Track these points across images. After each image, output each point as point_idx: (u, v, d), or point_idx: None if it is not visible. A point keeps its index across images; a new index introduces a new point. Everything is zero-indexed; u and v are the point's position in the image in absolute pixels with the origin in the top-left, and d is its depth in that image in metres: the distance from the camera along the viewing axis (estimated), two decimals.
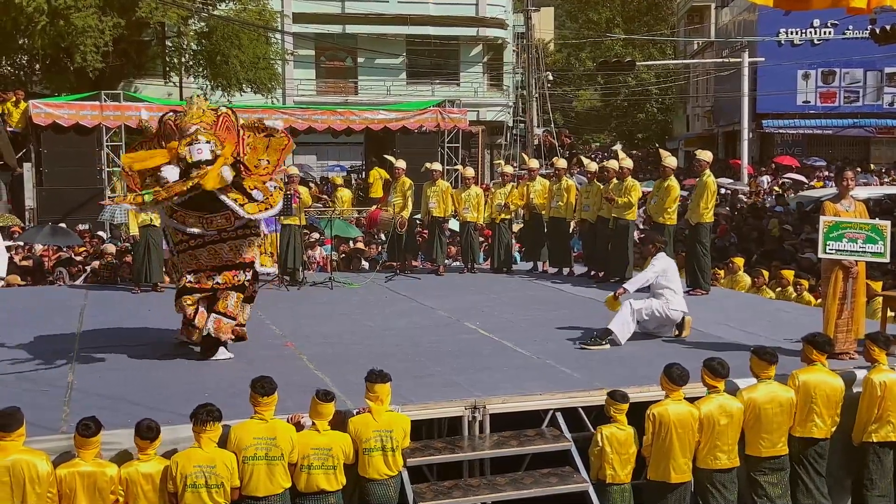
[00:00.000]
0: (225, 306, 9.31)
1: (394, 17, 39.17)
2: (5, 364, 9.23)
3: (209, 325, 9.28)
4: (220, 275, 9.23)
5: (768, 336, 9.97)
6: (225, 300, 9.31)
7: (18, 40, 27.74)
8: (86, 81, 27.40)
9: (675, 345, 9.88)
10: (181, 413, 6.95)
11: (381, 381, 7.13)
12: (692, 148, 39.59)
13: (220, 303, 9.30)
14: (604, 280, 14.18)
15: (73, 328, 11.01)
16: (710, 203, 12.90)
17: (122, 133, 22.86)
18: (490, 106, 41.42)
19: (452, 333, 10.71)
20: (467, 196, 15.59)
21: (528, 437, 7.70)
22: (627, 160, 14.28)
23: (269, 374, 6.95)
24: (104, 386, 8.28)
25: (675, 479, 7.29)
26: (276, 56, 33.58)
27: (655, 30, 58.62)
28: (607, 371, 8.68)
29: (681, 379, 7.36)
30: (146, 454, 6.53)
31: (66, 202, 21.98)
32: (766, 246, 18.13)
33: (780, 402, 7.58)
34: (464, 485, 7.39)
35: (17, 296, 14.10)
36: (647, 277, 10.10)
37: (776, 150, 40.79)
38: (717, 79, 44.44)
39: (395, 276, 15.21)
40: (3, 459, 6.22)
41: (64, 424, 7.03)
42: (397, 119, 24.97)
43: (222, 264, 9.21)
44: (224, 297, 9.30)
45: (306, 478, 6.81)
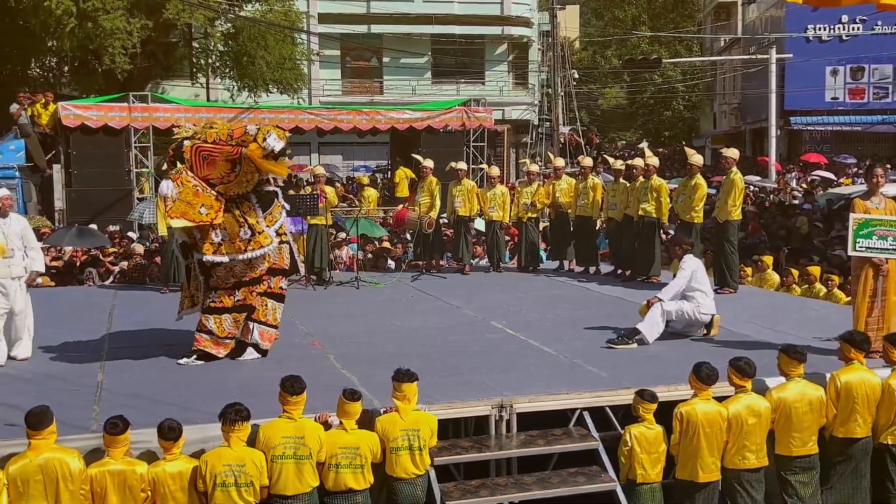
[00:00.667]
0: (265, 315, 9.46)
1: (419, 17, 39.22)
2: (36, 362, 9.33)
3: (255, 336, 9.42)
4: (258, 285, 9.39)
5: (797, 334, 9.89)
6: (265, 309, 9.44)
7: (47, 42, 28.03)
8: (114, 83, 27.64)
9: (704, 343, 9.83)
10: (210, 412, 6.99)
11: (408, 381, 7.14)
12: (719, 145, 39.33)
13: (259, 312, 9.42)
14: (630, 279, 14.13)
15: (102, 328, 11.11)
16: (738, 201, 12.82)
17: (150, 134, 23.04)
18: (515, 105, 41.38)
19: (479, 333, 10.70)
20: (493, 195, 15.58)
21: (555, 436, 7.69)
22: (654, 158, 14.22)
23: (296, 374, 6.98)
24: (134, 385, 8.35)
25: (703, 478, 7.26)
26: (302, 56, 33.73)
27: (682, 27, 58.33)
28: (635, 370, 8.64)
29: (709, 378, 7.32)
30: (171, 454, 6.58)
31: (94, 203, 22.18)
32: (795, 244, 17.98)
33: (809, 401, 7.52)
34: (491, 484, 7.39)
35: (47, 296, 14.21)
36: (680, 285, 10.04)
37: (804, 147, 40.46)
38: (745, 76, 44.15)
39: (420, 276, 15.22)
40: (35, 458, 6.29)
41: (94, 423, 7.09)
42: (422, 118, 24.99)
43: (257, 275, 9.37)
44: (263, 305, 9.43)
45: (334, 476, 6.84)
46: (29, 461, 6.29)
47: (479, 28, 40.34)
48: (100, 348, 9.92)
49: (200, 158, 8.83)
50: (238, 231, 9.03)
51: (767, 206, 24.38)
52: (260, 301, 9.45)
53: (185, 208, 8.68)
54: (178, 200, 8.66)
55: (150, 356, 9.57)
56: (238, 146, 8.84)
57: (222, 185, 8.95)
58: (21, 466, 6.28)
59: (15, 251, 9.34)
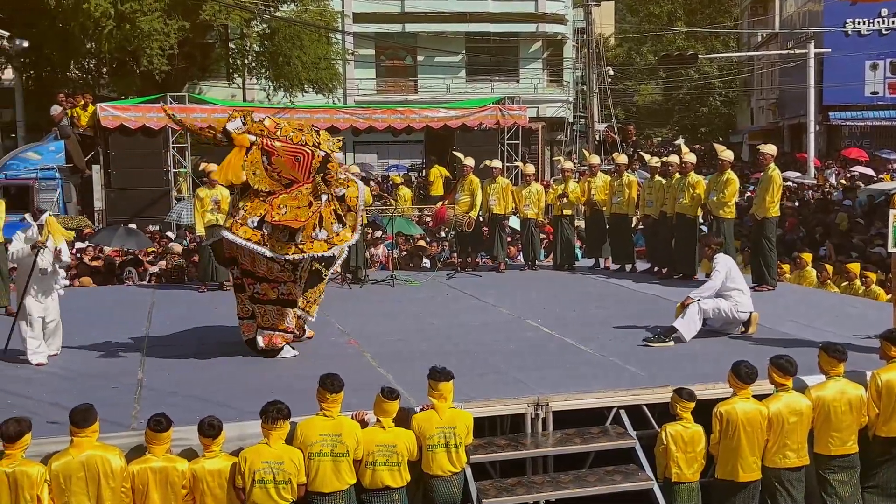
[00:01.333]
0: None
1: (453, 15, 39.22)
2: (77, 362, 9.46)
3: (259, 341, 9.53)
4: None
5: (836, 332, 9.77)
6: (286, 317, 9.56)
7: (86, 44, 28.34)
8: (151, 84, 27.92)
9: (742, 342, 9.76)
10: (248, 410, 7.05)
11: (444, 379, 7.15)
12: (756, 141, 38.93)
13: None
14: (667, 276, 14.05)
15: (141, 326, 11.23)
16: (776, 197, 12.71)
17: (187, 135, 23.22)
18: (550, 102, 41.26)
19: (514, 331, 10.69)
20: (528, 193, 15.56)
21: (592, 434, 7.67)
22: (690, 155, 14.13)
23: (334, 372, 7.02)
24: (173, 383, 8.44)
25: (744, 477, 7.20)
26: (337, 56, 33.86)
27: (718, 22, 57.86)
28: (672, 368, 8.60)
29: (749, 377, 7.26)
30: (211, 451, 6.64)
31: (133, 203, 22.44)
32: (834, 240, 17.78)
33: (849, 400, 7.44)
34: (527, 482, 7.39)
35: (87, 295, 14.41)
36: (715, 286, 9.97)
37: (843, 142, 39.99)
38: (783, 71, 43.70)
39: (456, 274, 15.23)
40: (77, 455, 6.38)
41: (134, 421, 7.18)
42: (457, 117, 24.97)
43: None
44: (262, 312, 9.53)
45: (371, 474, 6.87)
46: (71, 458, 6.37)
47: (513, 26, 40.28)
48: (139, 347, 10.04)
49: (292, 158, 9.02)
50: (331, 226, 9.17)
51: (806, 203, 24.13)
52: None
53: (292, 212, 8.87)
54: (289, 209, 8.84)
55: (189, 354, 9.66)
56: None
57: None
58: (64, 463, 6.37)
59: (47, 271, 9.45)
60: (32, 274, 9.28)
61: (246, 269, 9.38)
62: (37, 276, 9.31)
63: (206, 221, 13.79)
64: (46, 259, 9.30)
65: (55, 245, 9.35)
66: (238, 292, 9.62)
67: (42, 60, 30.37)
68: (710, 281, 10.08)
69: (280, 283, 9.40)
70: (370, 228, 17.90)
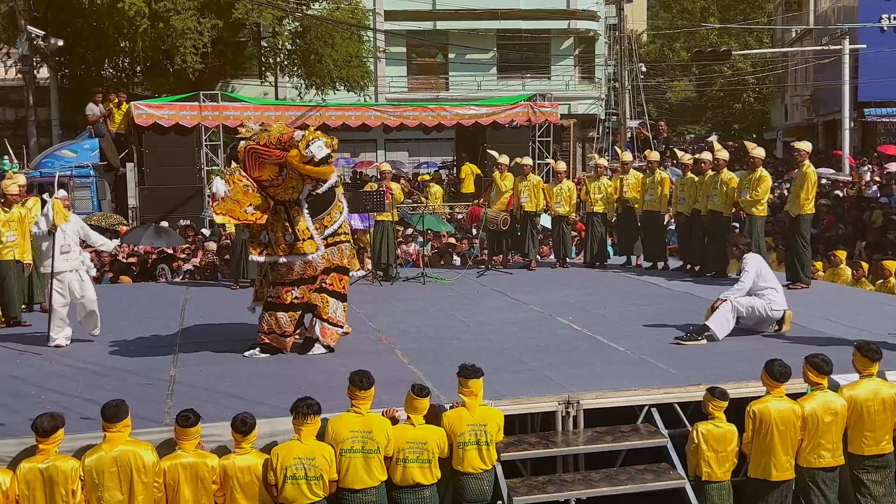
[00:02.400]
0: (326, 312, 9.54)
1: (484, 12, 39.12)
2: (111, 357, 9.56)
3: (316, 332, 9.55)
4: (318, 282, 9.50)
5: (871, 330, 9.66)
6: (326, 306, 9.54)
7: (120, 43, 28.59)
8: (184, 82, 28.12)
9: (776, 340, 9.67)
10: (279, 406, 7.09)
11: (474, 376, 7.15)
12: (791, 138, 38.54)
13: (321, 309, 9.52)
14: (700, 274, 13.96)
15: (175, 323, 11.32)
16: (811, 194, 12.59)
17: (220, 133, 23.38)
18: (581, 99, 41.09)
19: (545, 328, 10.67)
20: (559, 190, 15.51)
21: (623, 432, 7.63)
22: (723, 152, 14.02)
23: (364, 369, 7.04)
24: (205, 379, 8.50)
25: (777, 476, 7.14)
26: (369, 54, 33.91)
27: (752, 18, 57.34)
28: (704, 367, 8.54)
29: (782, 375, 7.19)
30: (242, 448, 6.68)
31: (167, 201, 22.62)
32: (870, 238, 17.57)
33: (882, 399, 7.35)
34: (558, 480, 7.37)
35: (121, 292, 14.55)
36: (745, 286, 9.89)
37: (879, 139, 39.49)
38: (817, 67, 43.24)
39: (486, 272, 15.22)
40: (110, 450, 6.44)
41: (167, 417, 7.23)
42: (488, 114, 24.93)
43: (316, 274, 9.48)
44: (324, 303, 9.54)
45: (402, 471, 6.88)
46: (104, 453, 6.44)
47: (544, 22, 40.11)
48: (172, 343, 10.12)
49: (252, 159, 9.00)
50: (283, 235, 9.16)
51: (840, 200, 23.85)
52: (321, 299, 9.53)
53: (231, 206, 8.86)
54: (226, 198, 8.84)
55: (222, 351, 9.73)
56: (284, 151, 8.95)
57: (272, 188, 9.08)
58: (97, 458, 6.43)
59: (72, 246, 10.21)
60: (55, 255, 9.97)
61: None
62: (60, 257, 9.99)
63: None
64: (69, 237, 10.10)
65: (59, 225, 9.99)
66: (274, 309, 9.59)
67: (76, 59, 30.71)
68: (740, 281, 9.99)
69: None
70: (401, 226, 17.92)
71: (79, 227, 10.42)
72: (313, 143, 8.87)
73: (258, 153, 8.98)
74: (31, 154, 26.53)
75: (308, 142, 8.87)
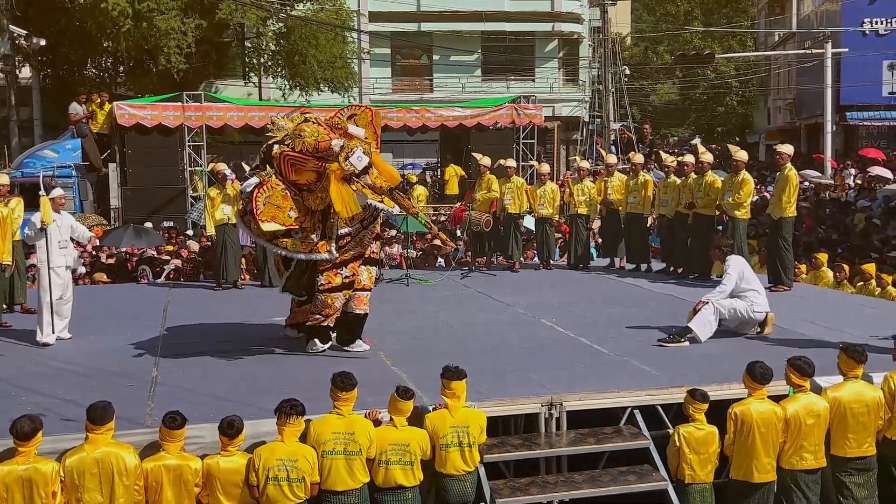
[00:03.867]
0: (360, 282, 9.56)
1: (469, 14, 39.15)
2: (93, 358, 9.50)
3: (350, 305, 9.52)
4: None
5: (853, 333, 9.71)
6: (360, 276, 9.55)
7: (103, 43, 28.45)
8: (168, 82, 28.00)
9: (758, 342, 9.71)
10: (262, 408, 7.07)
11: (457, 378, 7.14)
12: (773, 141, 38.74)
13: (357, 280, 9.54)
14: (683, 276, 14.00)
15: (156, 324, 11.25)
16: (793, 197, 12.65)
17: (203, 133, 23.30)
18: (566, 101, 41.16)
19: (529, 330, 10.67)
20: (542, 192, 15.54)
21: (606, 434, 7.64)
22: (706, 154, 14.08)
23: (347, 370, 7.02)
24: (187, 381, 8.46)
25: (758, 478, 7.16)
26: (353, 55, 33.87)
27: (735, 21, 57.60)
28: (687, 368, 8.57)
29: (763, 377, 7.22)
30: (228, 451, 6.65)
31: (149, 201, 22.53)
32: (853, 241, 17.66)
33: (866, 402, 7.38)
34: (541, 481, 7.37)
35: (101, 293, 14.48)
36: (727, 288, 9.93)
37: (860, 142, 39.73)
38: (800, 70, 43.47)
39: (470, 273, 15.22)
40: (92, 452, 6.40)
41: (148, 418, 7.20)
42: (472, 116, 24.95)
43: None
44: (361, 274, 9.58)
45: (384, 473, 6.86)
46: (86, 454, 6.40)
47: (529, 25, 40.17)
48: (154, 344, 10.07)
49: (288, 165, 8.92)
50: (311, 234, 9.14)
51: (823, 203, 23.97)
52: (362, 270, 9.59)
53: (275, 212, 8.84)
54: (268, 204, 8.80)
55: (204, 352, 9.68)
56: (322, 161, 8.86)
57: (308, 192, 9.03)
58: (78, 459, 6.39)
59: (68, 243, 10.46)
60: (50, 251, 10.10)
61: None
62: (56, 252, 10.16)
63: (216, 220, 13.90)
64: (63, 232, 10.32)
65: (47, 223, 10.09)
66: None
67: (59, 59, 30.54)
68: (722, 283, 10.03)
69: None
70: (385, 227, 17.88)
71: (70, 224, 10.62)
72: (353, 155, 8.76)
73: (294, 160, 8.90)
74: (12, 154, 26.37)
75: (347, 153, 8.75)
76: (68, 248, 10.48)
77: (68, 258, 10.46)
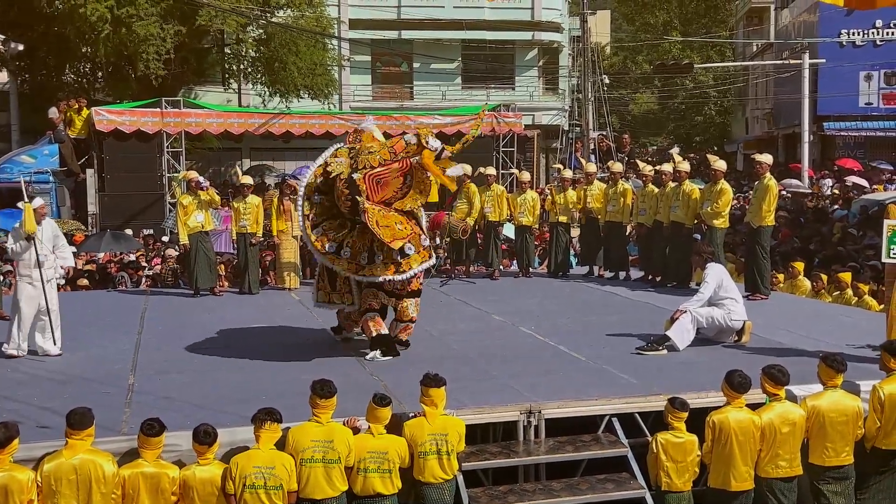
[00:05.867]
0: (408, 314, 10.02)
1: (449, 22, 39.19)
2: (70, 365, 9.43)
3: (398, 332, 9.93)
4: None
5: (829, 342, 9.77)
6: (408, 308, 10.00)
7: (82, 49, 28.31)
8: (147, 88, 27.88)
9: (736, 350, 9.76)
10: (240, 415, 7.03)
11: (435, 385, 7.14)
12: (751, 151, 38.96)
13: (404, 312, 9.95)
14: (661, 284, 14.05)
15: (134, 331, 11.20)
16: (772, 206, 12.75)
17: (182, 139, 23.21)
18: (545, 110, 41.26)
19: (508, 338, 10.69)
20: (523, 200, 15.56)
21: (584, 442, 7.66)
22: (684, 163, 14.16)
23: (327, 377, 7.00)
24: (164, 388, 8.42)
25: (736, 486, 7.18)
26: (333, 62, 33.84)
27: (713, 32, 57.92)
28: (665, 377, 8.60)
29: (742, 386, 7.24)
30: (205, 459, 6.61)
31: (127, 208, 22.42)
32: (829, 250, 17.79)
33: (844, 411, 7.40)
34: (519, 490, 7.37)
35: (80, 299, 14.38)
36: (706, 296, 9.97)
37: (837, 152, 40.04)
38: (777, 81, 43.76)
39: (449, 281, 15.22)
40: (70, 458, 6.36)
41: (125, 426, 7.16)
42: (452, 124, 24.97)
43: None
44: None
45: (362, 481, 6.85)
46: (64, 460, 6.36)
47: (509, 33, 40.25)
48: (131, 351, 10.02)
49: (375, 184, 9.08)
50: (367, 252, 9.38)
51: (802, 212, 24.13)
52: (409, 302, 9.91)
53: (393, 231, 9.06)
54: (382, 227, 8.98)
55: (181, 359, 9.65)
56: (405, 158, 9.16)
57: (398, 203, 9.26)
58: (56, 465, 6.35)
59: (48, 255, 9.97)
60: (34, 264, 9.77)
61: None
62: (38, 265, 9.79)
63: (190, 229, 13.83)
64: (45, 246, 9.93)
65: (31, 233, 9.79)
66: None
67: (37, 64, 30.33)
68: (700, 292, 10.07)
69: None
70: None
71: (52, 235, 10.18)
72: (429, 139, 9.21)
73: (378, 176, 9.08)
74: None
75: (425, 139, 9.18)
76: (48, 262, 9.93)
77: (48, 272, 9.92)
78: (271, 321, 11.83)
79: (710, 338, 10.09)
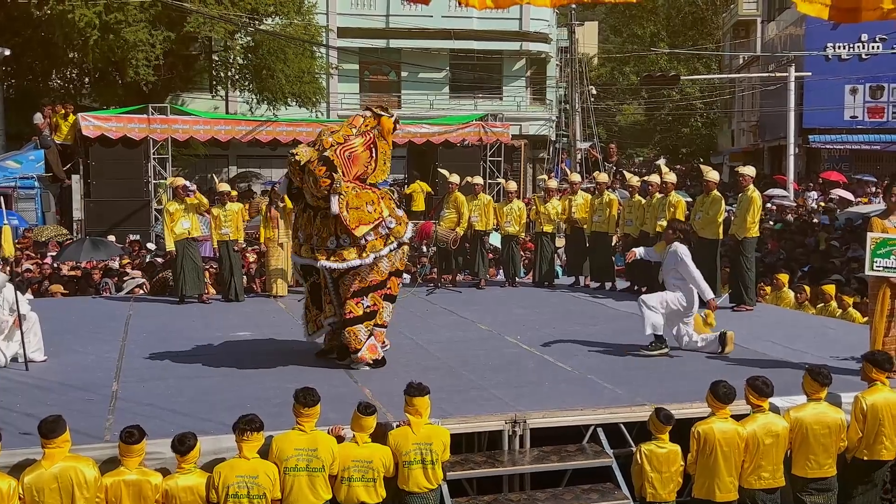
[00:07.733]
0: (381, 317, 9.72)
1: (437, 32, 39.27)
2: (52, 372, 9.38)
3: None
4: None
5: (814, 353, 9.82)
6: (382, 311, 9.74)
7: (69, 54, 28.24)
8: (134, 95, 27.85)
9: (720, 361, 9.78)
10: (225, 423, 6.99)
11: (419, 395, 7.12)
12: (737, 163, 39.07)
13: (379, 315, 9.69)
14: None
15: (118, 338, 11.15)
16: (756, 217, 12.79)
17: (168, 146, 23.16)
18: (533, 120, 41.39)
19: (493, 347, 10.68)
20: (509, 210, 15.59)
21: (569, 452, 7.66)
22: (671, 175, 14.20)
23: (311, 386, 6.98)
24: (148, 395, 8.37)
25: (721, 497, 7.17)
26: (321, 70, 33.86)
27: (700, 44, 58.20)
28: (650, 387, 8.60)
29: (727, 397, 7.24)
30: (185, 467, 6.57)
31: (113, 214, 22.34)
32: (814, 262, 17.87)
33: (827, 424, 7.41)
34: (503, 499, 7.36)
35: (63, 305, 14.31)
36: (694, 272, 10.03)
37: (823, 165, 40.27)
38: (763, 93, 44.00)
39: (436, 290, 15.22)
40: (49, 467, 6.30)
41: (108, 433, 7.11)
42: (440, 133, 25.03)
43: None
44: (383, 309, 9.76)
45: (346, 490, 6.82)
46: (44, 470, 6.30)
47: (497, 43, 40.38)
48: (115, 358, 9.97)
49: (345, 159, 9.12)
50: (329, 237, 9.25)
51: (787, 224, 24.23)
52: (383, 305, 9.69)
53: (358, 214, 9.04)
54: (350, 209, 8.98)
55: (165, 367, 9.60)
56: (367, 131, 9.31)
57: (371, 177, 9.38)
58: (36, 476, 6.29)
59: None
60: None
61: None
62: None
63: (176, 235, 13.79)
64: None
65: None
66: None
67: (24, 69, 30.29)
68: (691, 274, 10.03)
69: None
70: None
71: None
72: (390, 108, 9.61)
73: (349, 149, 9.16)
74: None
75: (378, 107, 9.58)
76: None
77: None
78: (256, 329, 11.81)
79: (670, 320, 10.11)
